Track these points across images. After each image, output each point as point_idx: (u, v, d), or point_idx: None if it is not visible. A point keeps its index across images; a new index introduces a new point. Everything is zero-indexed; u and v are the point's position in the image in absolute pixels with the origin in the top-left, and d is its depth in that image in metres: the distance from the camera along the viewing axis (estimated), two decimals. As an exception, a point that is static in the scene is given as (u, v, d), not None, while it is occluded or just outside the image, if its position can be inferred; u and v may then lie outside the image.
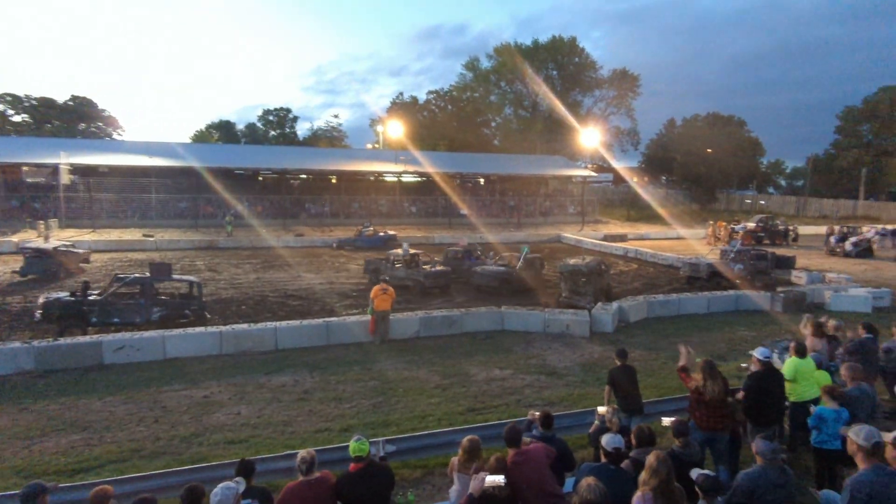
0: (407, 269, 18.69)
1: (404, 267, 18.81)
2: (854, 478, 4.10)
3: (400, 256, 19.10)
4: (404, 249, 19.36)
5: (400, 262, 19.03)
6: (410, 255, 19.10)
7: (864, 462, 4.14)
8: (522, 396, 9.45)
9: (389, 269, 18.96)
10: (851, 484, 4.07)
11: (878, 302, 16.18)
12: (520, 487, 4.49)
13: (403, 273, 18.63)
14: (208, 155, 43.92)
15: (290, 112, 73.28)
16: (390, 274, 18.63)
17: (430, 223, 43.69)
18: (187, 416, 8.62)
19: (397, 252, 19.43)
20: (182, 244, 30.08)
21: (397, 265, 19.06)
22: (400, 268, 18.89)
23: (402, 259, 18.99)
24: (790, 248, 31.79)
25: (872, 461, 4.10)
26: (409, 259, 18.99)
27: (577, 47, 64.39)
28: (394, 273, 18.68)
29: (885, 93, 68.18)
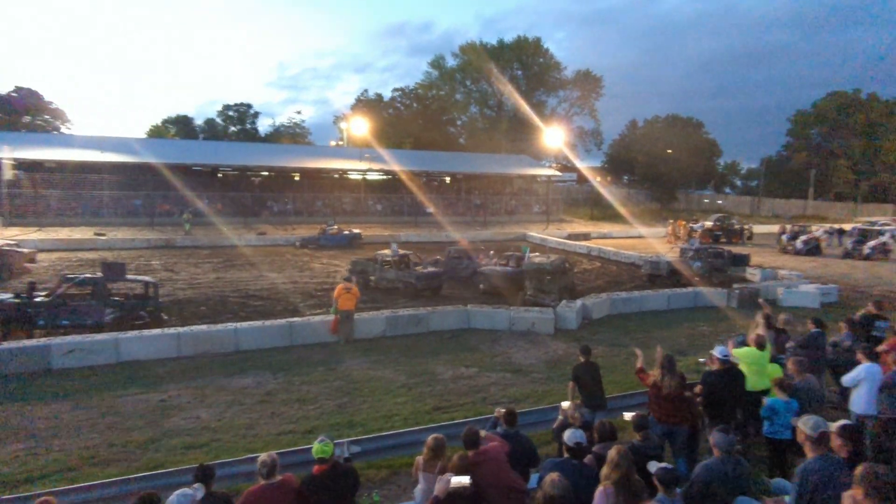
0: (398, 271, 17.98)
1: (394, 268, 18.07)
2: (803, 466, 4.30)
3: (389, 257, 18.42)
4: (393, 250, 18.72)
5: (389, 264, 18.29)
6: (400, 256, 18.51)
7: (812, 451, 4.34)
8: (488, 394, 9.50)
9: (378, 271, 18.30)
10: (800, 472, 4.26)
11: (826, 298, 16.99)
12: (482, 486, 4.51)
13: (394, 275, 17.91)
14: (165, 150, 42.44)
15: (251, 108, 71.59)
16: (379, 275, 18.10)
17: (396, 222, 43.48)
18: (143, 421, 8.30)
19: (385, 253, 18.78)
20: (137, 243, 28.99)
21: (386, 266, 18.32)
22: (390, 269, 18.15)
23: (392, 260, 18.34)
24: (745, 246, 33.05)
25: (820, 450, 4.30)
26: (399, 260, 18.35)
27: (541, 48, 65.21)
28: (383, 275, 18.08)
29: (832, 98, 71.92)
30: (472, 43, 65.60)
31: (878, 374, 6.41)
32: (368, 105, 66.43)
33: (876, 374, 6.38)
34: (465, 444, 4.85)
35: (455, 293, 18.31)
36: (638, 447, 4.95)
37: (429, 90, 68.31)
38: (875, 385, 6.35)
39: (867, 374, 6.36)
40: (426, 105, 67.78)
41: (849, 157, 69.59)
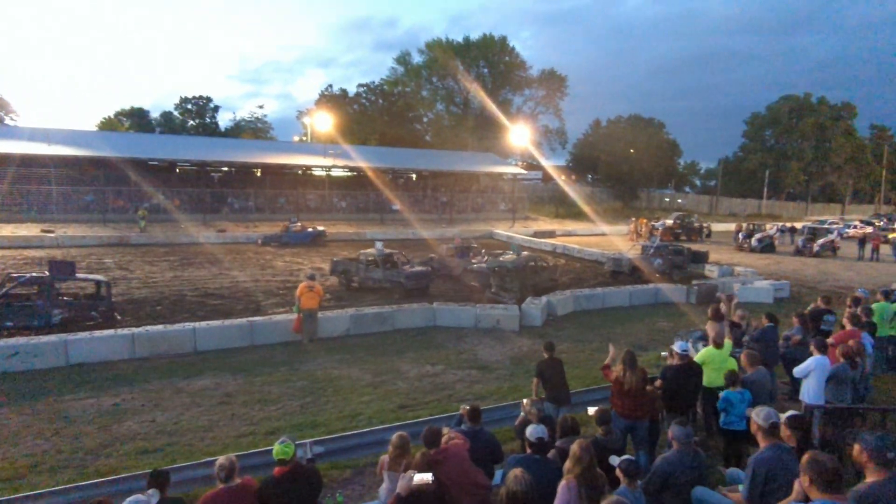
0: (385, 270, 17.48)
1: (381, 268, 17.56)
2: (755, 456, 4.44)
3: (374, 257, 17.90)
4: (378, 249, 18.17)
5: (375, 263, 17.75)
6: (386, 255, 18.03)
7: (764, 441, 4.50)
8: (454, 391, 9.50)
9: (363, 271, 17.75)
10: (753, 461, 4.41)
11: (779, 293, 17.75)
12: (445, 484, 4.49)
13: (381, 274, 17.41)
14: (118, 144, 40.66)
15: (211, 101, 69.46)
16: (364, 275, 17.61)
17: (361, 219, 43.03)
18: (94, 427, 7.95)
19: (370, 252, 18.22)
20: (88, 240, 27.76)
21: (371, 266, 17.80)
22: (376, 269, 17.60)
23: (378, 259, 17.77)
24: (704, 243, 34.19)
25: (771, 440, 4.46)
26: (385, 259, 17.86)
27: (507, 46, 65.53)
28: (368, 275, 17.58)
29: (785, 101, 75.15)
30: (439, 40, 65.43)
31: (827, 366, 6.69)
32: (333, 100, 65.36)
33: (825, 366, 6.66)
34: (426, 443, 4.84)
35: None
36: (600, 441, 5.02)
37: (394, 86, 67.73)
38: (824, 376, 6.63)
39: (817, 366, 6.63)
40: (392, 101, 67.20)
41: (800, 159, 72.83)
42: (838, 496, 3.06)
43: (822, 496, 3.09)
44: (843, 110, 75.54)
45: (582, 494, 3.93)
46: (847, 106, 76.03)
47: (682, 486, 4.67)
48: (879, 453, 3.24)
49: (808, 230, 33.07)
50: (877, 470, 3.26)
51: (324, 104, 63.73)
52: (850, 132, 76.61)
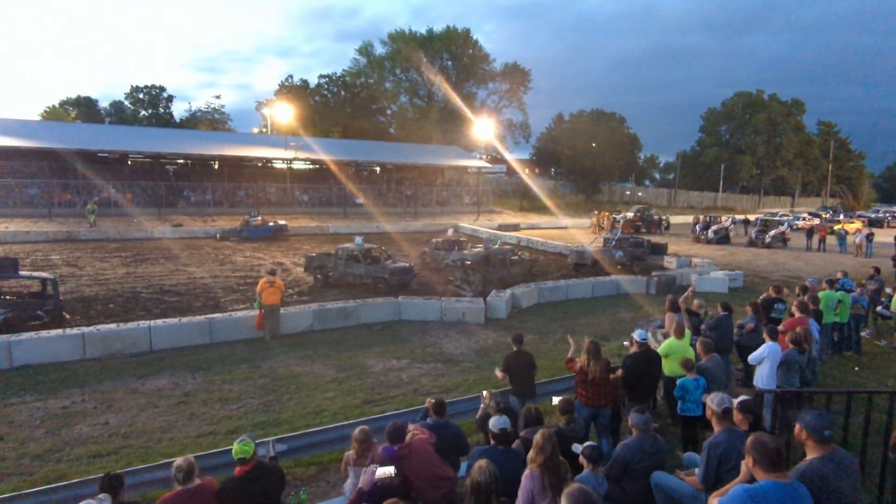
0: (367, 266, 17.01)
1: (363, 263, 17.06)
2: (710, 440, 4.61)
3: (355, 251, 17.29)
4: (358, 244, 17.59)
5: (356, 258, 17.18)
6: (367, 250, 17.57)
7: (718, 425, 4.68)
8: (420, 385, 9.48)
9: (342, 267, 17.20)
10: (708, 445, 4.57)
11: (734, 283, 18.45)
12: (410, 479, 4.48)
13: (363, 270, 16.92)
14: (65, 135, 38.72)
15: (165, 90, 66.87)
16: (344, 271, 17.10)
17: (324, 213, 42.38)
18: (41, 431, 7.57)
19: (349, 247, 17.59)
20: (33, 236, 26.35)
21: (352, 261, 17.19)
22: (357, 264, 17.07)
23: (360, 254, 17.20)
24: (663, 236, 35.17)
25: (724, 424, 4.63)
26: (366, 254, 17.38)
27: (470, 39, 65.47)
28: (348, 270, 17.07)
29: (739, 97, 77.96)
30: (402, 31, 64.80)
31: (779, 353, 6.98)
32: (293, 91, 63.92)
33: (777, 352, 6.95)
34: (390, 438, 4.82)
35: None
36: (563, 431, 5.10)
37: (357, 78, 66.77)
38: (776, 362, 6.92)
39: (769, 353, 6.90)
40: (354, 93, 66.23)
41: (753, 153, 75.77)
42: (781, 474, 3.17)
43: (766, 475, 3.19)
44: (792, 107, 78.93)
45: (545, 483, 3.98)
46: (796, 102, 79.49)
47: (642, 471, 4.80)
48: (817, 431, 3.39)
49: (760, 222, 34.45)
50: (816, 447, 3.42)
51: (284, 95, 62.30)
52: (800, 128, 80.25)
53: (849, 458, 3.54)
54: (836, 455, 3.41)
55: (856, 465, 3.62)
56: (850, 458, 3.59)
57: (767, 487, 3.11)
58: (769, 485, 3.12)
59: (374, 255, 17.71)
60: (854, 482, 3.42)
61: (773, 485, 3.12)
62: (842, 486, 3.29)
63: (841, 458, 3.42)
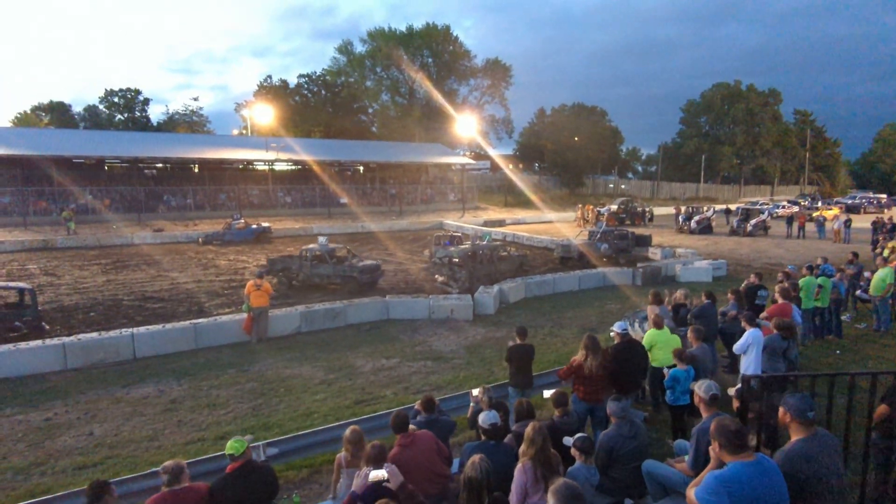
0: (334, 266, 16.84)
1: (329, 263, 16.91)
2: (698, 426, 4.66)
3: (320, 252, 17.13)
4: (322, 244, 17.45)
5: (321, 259, 17.01)
6: (332, 250, 17.42)
7: (706, 411, 4.74)
8: (410, 384, 9.46)
9: (308, 267, 16.99)
10: (696, 432, 4.62)
11: (717, 272, 18.67)
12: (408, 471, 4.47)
13: (330, 270, 16.74)
14: (38, 141, 37.85)
15: (140, 93, 65.60)
16: (310, 272, 16.89)
17: (308, 213, 42.02)
18: (23, 444, 7.41)
19: (313, 247, 17.42)
20: (7, 246, 25.70)
21: (317, 262, 17.00)
22: (324, 265, 16.92)
23: (325, 254, 17.04)
24: (647, 227, 35.49)
25: (712, 410, 4.70)
26: (331, 254, 17.25)
27: (450, 36, 65.34)
28: (315, 271, 16.88)
29: (717, 89, 78.90)
30: (381, 29, 64.44)
31: (761, 339, 7.06)
32: (273, 92, 63.19)
33: (759, 337, 7.03)
34: (394, 428, 4.82)
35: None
36: (556, 424, 5.12)
37: (337, 77, 66.25)
38: (759, 349, 6.99)
39: (753, 340, 6.97)
40: (335, 92, 65.70)
41: (732, 144, 76.80)
42: (746, 454, 3.22)
43: (732, 458, 3.24)
44: (769, 96, 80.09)
45: (538, 475, 3.99)
46: (773, 92, 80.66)
47: (626, 457, 4.85)
48: (801, 413, 3.45)
49: (741, 211, 34.93)
50: (800, 429, 3.48)
51: (263, 96, 61.63)
52: (777, 117, 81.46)
53: (831, 438, 3.61)
54: (819, 435, 3.48)
55: (838, 445, 3.69)
56: (833, 438, 3.66)
57: (736, 470, 3.17)
58: (737, 466, 3.18)
59: (339, 254, 17.70)
60: (837, 461, 3.48)
61: (741, 465, 3.17)
62: (825, 465, 3.35)
63: (823, 439, 3.49)
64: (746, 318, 7.30)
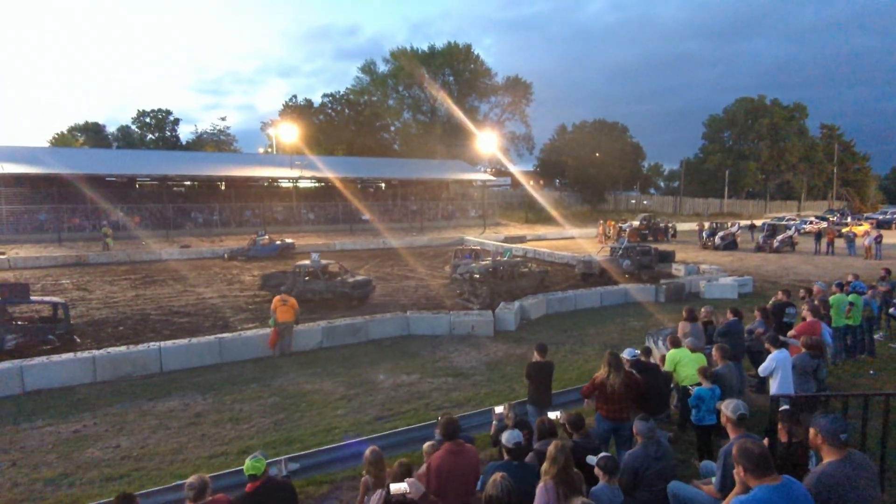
0: (326, 282, 17.19)
1: (322, 279, 17.25)
2: (725, 447, 4.55)
3: (313, 268, 17.49)
4: (314, 260, 17.83)
5: (314, 275, 17.39)
6: (324, 266, 17.78)
7: (734, 432, 4.61)
8: (431, 400, 9.43)
9: (301, 283, 17.32)
10: (723, 453, 4.51)
11: (743, 288, 18.27)
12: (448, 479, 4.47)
13: (323, 286, 17.09)
14: (73, 160, 39.22)
15: (171, 114, 67.65)
16: (303, 287, 17.19)
17: (331, 230, 42.56)
18: (53, 456, 7.58)
19: (306, 264, 17.83)
20: (43, 261, 26.60)
21: (311, 278, 17.40)
22: (317, 281, 17.26)
23: (318, 271, 17.40)
24: (670, 243, 35.03)
25: (739, 430, 4.58)
26: (324, 270, 17.61)
27: (472, 54, 66.15)
28: (308, 287, 17.20)
29: (740, 103, 78.06)
30: (403, 49, 65.62)
31: (788, 359, 6.86)
32: (298, 111, 64.62)
33: (785, 359, 6.83)
34: (445, 434, 4.83)
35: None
36: (578, 443, 5.05)
37: (360, 96, 67.48)
38: (788, 370, 6.80)
39: (778, 363, 6.79)
40: (358, 111, 66.88)
41: (757, 159, 75.59)
42: (772, 479, 3.13)
43: (758, 481, 3.15)
44: (795, 111, 78.88)
45: (560, 494, 3.94)
46: (798, 106, 79.43)
47: (653, 478, 4.74)
48: (833, 435, 3.36)
49: (767, 227, 34.22)
50: (832, 451, 3.39)
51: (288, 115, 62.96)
52: (803, 132, 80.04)
53: (865, 460, 3.50)
54: (853, 458, 3.37)
55: (873, 467, 3.57)
56: (867, 460, 3.55)
57: (761, 494, 3.08)
58: (763, 491, 3.09)
59: (332, 270, 18.12)
60: (873, 485, 3.37)
61: (767, 490, 3.08)
62: (860, 489, 3.25)
63: (857, 461, 3.38)
64: (769, 339, 7.12)
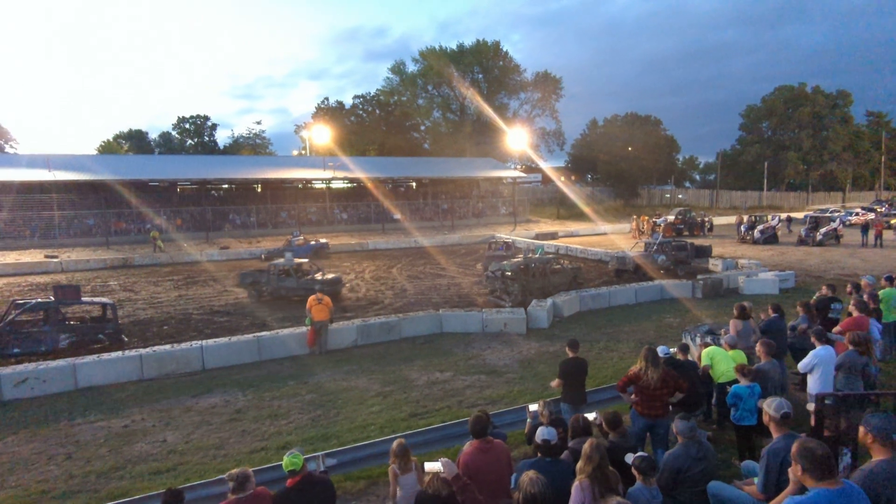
0: (298, 280, 18.10)
1: (294, 277, 18.17)
2: (769, 447, 4.42)
3: (286, 267, 18.46)
4: (288, 259, 18.97)
5: (287, 273, 18.32)
6: (298, 265, 18.77)
7: (777, 431, 4.48)
8: (464, 397, 9.47)
9: (274, 281, 18.33)
10: (766, 453, 4.38)
11: (784, 284, 17.61)
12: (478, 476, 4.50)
13: (294, 283, 18.02)
14: (118, 167, 41.01)
15: (209, 119, 69.83)
16: (276, 285, 18.26)
17: (363, 229, 43.12)
18: (105, 449, 7.95)
19: (280, 262, 18.90)
20: (92, 264, 27.83)
21: (284, 276, 18.30)
22: (289, 278, 18.19)
23: (290, 269, 18.36)
24: (706, 237, 34.08)
25: (783, 430, 4.44)
26: (297, 268, 18.56)
27: (500, 51, 65.84)
28: (281, 284, 18.21)
29: (780, 92, 75.22)
30: (432, 48, 65.82)
31: (832, 356, 6.61)
32: (330, 113, 65.74)
33: (829, 356, 6.58)
34: (474, 432, 4.86)
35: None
36: (615, 442, 5.00)
37: (391, 96, 68.08)
38: (830, 368, 6.54)
39: (820, 359, 6.54)
40: (389, 111, 67.53)
41: (798, 149, 72.75)
42: (831, 482, 3.02)
43: (817, 484, 3.04)
44: (838, 98, 75.52)
45: (595, 493, 3.91)
46: (842, 94, 76.01)
47: (694, 479, 4.65)
48: (884, 434, 3.26)
49: (810, 219, 32.92)
50: (882, 451, 3.28)
51: (321, 117, 64.10)
52: (847, 120, 76.57)
53: None
54: None
55: None
56: None
57: (820, 497, 2.97)
58: (821, 494, 2.98)
59: (305, 269, 19.03)
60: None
61: (827, 493, 2.97)
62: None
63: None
64: (816, 333, 6.87)
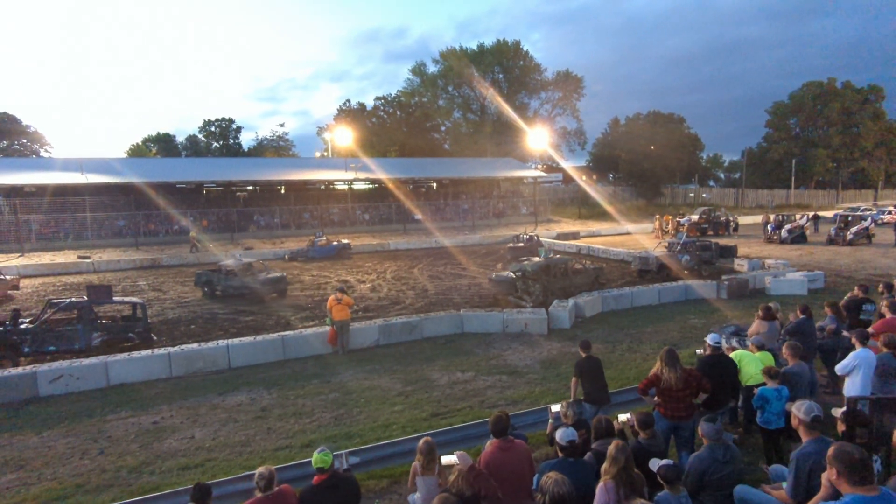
0: (242, 279, 18.82)
1: (239, 277, 18.92)
2: (798, 451, 4.33)
3: (232, 267, 19.28)
4: (237, 259, 19.72)
5: (233, 273, 19.10)
6: (245, 265, 19.45)
7: (806, 435, 4.38)
8: (485, 398, 9.48)
9: (223, 280, 19.07)
10: (795, 456, 4.29)
11: (813, 284, 17.15)
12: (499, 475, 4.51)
13: (239, 282, 18.79)
14: (147, 169, 42.05)
15: (234, 122, 71.13)
16: (225, 284, 18.94)
17: (384, 230, 43.38)
18: (136, 445, 8.17)
19: (228, 263, 19.79)
20: (122, 264, 28.59)
21: (230, 275, 19.11)
22: (234, 278, 18.98)
23: (237, 269, 19.15)
24: (732, 237, 33.41)
25: (813, 434, 4.34)
26: (244, 268, 19.29)
27: (521, 51, 65.57)
28: (228, 283, 18.92)
29: (808, 88, 73.13)
30: (453, 49, 65.91)
31: (872, 359, 6.42)
32: (351, 114, 66.31)
33: (870, 359, 6.39)
34: (494, 432, 4.87)
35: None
36: (642, 445, 4.95)
37: (411, 97, 68.35)
38: (871, 370, 6.35)
39: (861, 361, 6.35)
40: (409, 112, 67.81)
41: (827, 146, 70.71)
42: (868, 488, 2.92)
43: (852, 489, 2.94)
44: (870, 93, 73.10)
45: (621, 495, 3.89)
46: (874, 88, 73.55)
47: (720, 482, 4.59)
48: None
49: (839, 218, 31.98)
50: None
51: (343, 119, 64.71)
52: (879, 115, 74.04)
53: None
54: None
55: None
56: None
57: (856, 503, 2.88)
58: (858, 500, 2.88)
59: (253, 269, 19.74)
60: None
61: (863, 500, 2.87)
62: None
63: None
64: (858, 334, 6.67)
